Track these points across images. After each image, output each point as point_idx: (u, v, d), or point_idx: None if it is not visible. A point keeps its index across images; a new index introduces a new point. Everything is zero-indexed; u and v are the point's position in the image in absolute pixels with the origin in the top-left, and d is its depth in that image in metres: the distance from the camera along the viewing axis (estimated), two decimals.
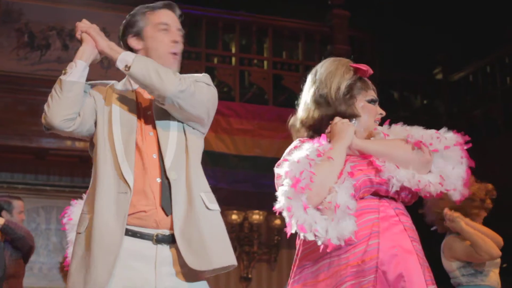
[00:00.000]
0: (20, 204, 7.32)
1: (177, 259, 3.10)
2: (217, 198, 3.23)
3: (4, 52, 9.60)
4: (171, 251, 3.11)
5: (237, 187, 9.65)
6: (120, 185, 3.10)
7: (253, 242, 11.10)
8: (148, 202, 3.11)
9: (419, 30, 12.00)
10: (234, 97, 10.61)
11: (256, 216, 10.83)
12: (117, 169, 3.13)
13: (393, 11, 11.77)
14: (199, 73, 3.50)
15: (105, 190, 3.10)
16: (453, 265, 5.65)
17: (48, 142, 9.09)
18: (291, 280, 3.25)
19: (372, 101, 3.38)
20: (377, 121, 3.38)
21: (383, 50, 11.95)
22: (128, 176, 3.10)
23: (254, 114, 10.00)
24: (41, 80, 9.53)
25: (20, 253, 7.15)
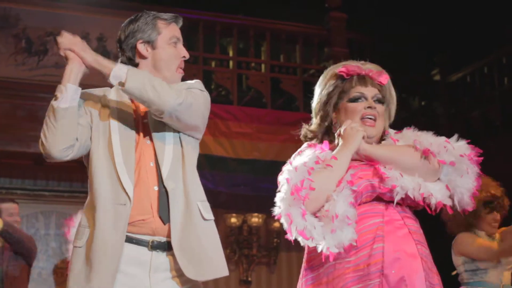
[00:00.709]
0: (9, 206, 7.22)
1: (172, 265, 3.11)
2: (216, 201, 3.24)
3: (2, 58, 9.60)
4: (167, 258, 3.12)
5: (236, 190, 9.65)
6: (120, 197, 3.09)
7: (252, 245, 11.08)
8: (146, 211, 3.11)
9: (416, 32, 12.00)
10: (232, 101, 10.62)
11: (255, 219, 10.82)
12: (117, 180, 3.11)
13: (390, 12, 11.77)
14: (196, 77, 3.51)
15: (104, 202, 3.08)
16: (459, 260, 5.66)
17: None
18: (301, 282, 3.24)
19: (354, 99, 3.32)
20: (367, 115, 3.30)
21: (381, 52, 11.95)
22: (128, 188, 3.09)
23: (252, 117, 9.99)
24: (39, 86, 9.53)
25: (21, 257, 7.12)
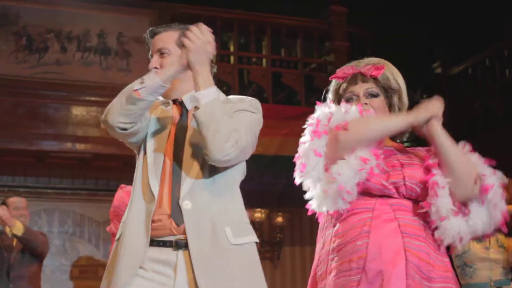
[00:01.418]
0: (15, 200, 7.25)
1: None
2: None
3: (3, 56, 9.60)
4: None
5: (240, 185, 9.60)
6: (148, 195, 3.12)
7: None
8: (162, 211, 3.11)
9: (418, 25, 11.99)
10: None
11: (258, 214, 10.81)
12: (146, 179, 3.14)
13: (391, 5, 11.76)
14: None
15: (137, 198, 3.14)
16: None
17: (49, 145, 9.08)
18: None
19: (347, 100, 3.28)
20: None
21: (382, 45, 11.94)
22: (154, 186, 3.11)
23: None
24: (40, 83, 9.54)
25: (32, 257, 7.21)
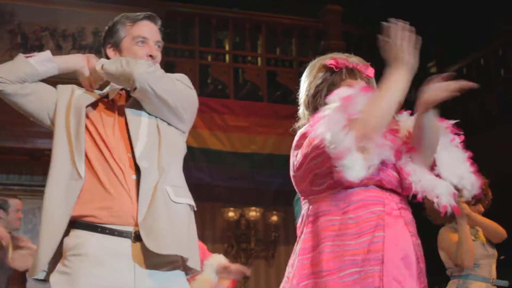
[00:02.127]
0: (17, 202, 7.31)
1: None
2: (213, 195, 3.21)
3: None
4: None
5: (234, 184, 9.64)
6: (73, 173, 3.08)
7: (250, 239, 11.09)
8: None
9: (412, 23, 11.99)
10: (228, 95, 10.62)
11: (253, 213, 10.81)
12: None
13: (386, 4, 11.76)
14: (192, 72, 3.49)
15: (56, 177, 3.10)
16: (442, 255, 5.72)
17: (43, 143, 9.07)
18: (300, 258, 3.22)
19: None
20: None
21: (377, 44, 11.95)
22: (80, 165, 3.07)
23: (249, 111, 9.98)
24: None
25: None
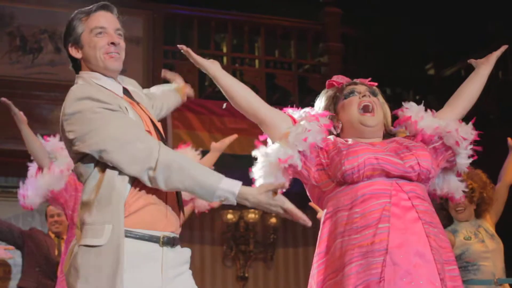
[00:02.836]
0: (51, 208, 7.52)
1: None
2: None
3: None
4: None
5: None
6: None
7: (249, 241, 11.10)
8: None
9: (411, 26, 12.02)
10: None
11: (252, 215, 10.84)
12: None
13: (385, 7, 11.78)
14: (191, 74, 3.55)
15: None
16: None
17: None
18: (316, 265, 3.28)
19: (348, 94, 3.49)
20: (363, 103, 3.44)
21: (375, 47, 11.97)
22: None
23: None
24: (34, 84, 9.53)
25: None
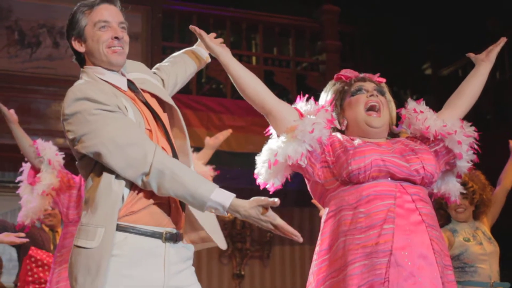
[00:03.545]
0: None
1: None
2: None
3: None
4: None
5: (230, 183, 9.59)
6: None
7: (245, 239, 11.12)
8: None
9: (409, 25, 12.02)
10: (225, 94, 10.62)
11: None
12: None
13: (383, 5, 11.78)
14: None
15: None
16: None
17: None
18: (317, 262, 3.27)
19: (355, 91, 3.47)
20: (371, 103, 3.42)
21: (373, 45, 11.97)
22: None
23: (246, 110, 9.92)
24: (32, 78, 9.52)
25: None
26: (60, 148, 5.87)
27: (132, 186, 3.05)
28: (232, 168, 9.36)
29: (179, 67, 3.78)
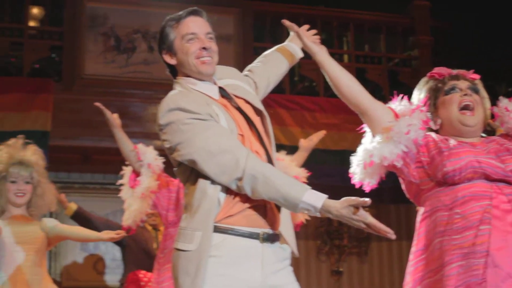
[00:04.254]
0: None
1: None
2: None
3: (91, 56, 9.78)
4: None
5: (324, 181, 9.61)
6: None
7: (343, 236, 11.11)
8: None
9: (502, 17, 11.80)
10: (318, 92, 10.64)
11: None
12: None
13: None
14: None
15: None
16: None
17: (137, 143, 9.19)
18: (413, 262, 3.30)
19: (449, 90, 3.43)
20: (465, 102, 3.38)
21: (466, 39, 11.81)
22: None
23: (339, 108, 9.85)
24: (128, 83, 9.73)
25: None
26: (157, 149, 6.00)
27: (227, 190, 3.12)
28: (327, 166, 9.37)
29: (271, 67, 3.81)
